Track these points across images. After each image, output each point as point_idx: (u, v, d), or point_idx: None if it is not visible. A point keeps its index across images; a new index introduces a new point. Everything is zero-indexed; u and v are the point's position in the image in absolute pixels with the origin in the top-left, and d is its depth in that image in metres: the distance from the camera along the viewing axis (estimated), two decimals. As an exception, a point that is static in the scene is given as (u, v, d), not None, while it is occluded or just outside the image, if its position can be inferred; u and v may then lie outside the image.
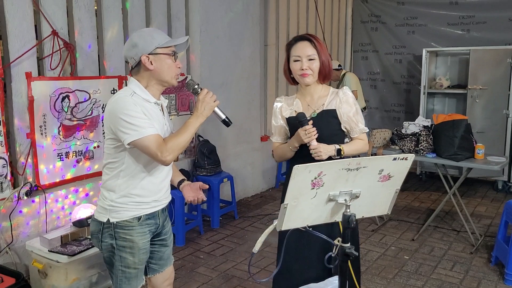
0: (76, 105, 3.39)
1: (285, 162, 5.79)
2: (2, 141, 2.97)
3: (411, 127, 4.25)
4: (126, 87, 1.96)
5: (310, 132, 2.06)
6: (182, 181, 2.18)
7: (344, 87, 2.28)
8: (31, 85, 3.09)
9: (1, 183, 3.00)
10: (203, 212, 4.51)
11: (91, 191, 3.55)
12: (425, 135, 4.06)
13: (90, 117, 3.51)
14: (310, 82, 2.19)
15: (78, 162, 3.47)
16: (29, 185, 3.14)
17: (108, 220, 1.92)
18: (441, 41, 6.48)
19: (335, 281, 1.76)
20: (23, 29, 3.07)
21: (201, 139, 4.56)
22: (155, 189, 1.98)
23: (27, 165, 3.17)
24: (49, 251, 2.86)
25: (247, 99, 5.21)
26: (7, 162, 3.01)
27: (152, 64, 1.89)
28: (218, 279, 3.37)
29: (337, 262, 1.57)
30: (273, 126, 2.35)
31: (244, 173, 5.32)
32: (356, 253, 1.52)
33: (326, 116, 2.19)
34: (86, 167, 3.53)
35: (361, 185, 1.54)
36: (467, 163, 3.83)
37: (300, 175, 1.43)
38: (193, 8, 4.47)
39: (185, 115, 4.41)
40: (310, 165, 1.43)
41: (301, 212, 1.52)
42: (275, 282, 2.30)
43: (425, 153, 4.01)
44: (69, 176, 3.42)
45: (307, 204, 1.51)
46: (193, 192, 2.12)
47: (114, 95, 1.91)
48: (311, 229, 1.59)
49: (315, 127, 2.08)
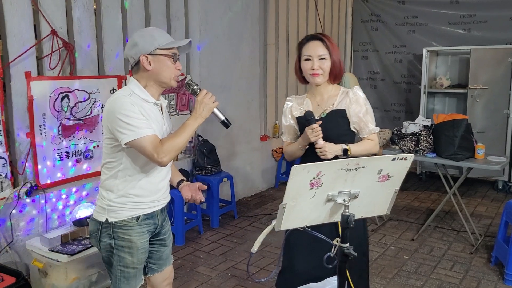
0: (75, 104, 3.39)
1: (285, 162, 5.81)
2: (2, 141, 2.98)
3: (411, 127, 4.25)
4: (126, 86, 1.95)
5: (317, 131, 2.06)
6: (181, 181, 2.18)
7: (355, 86, 2.27)
8: (31, 85, 3.09)
9: (1, 182, 3.00)
10: (203, 212, 4.51)
11: (91, 190, 3.55)
12: (425, 134, 4.06)
13: (90, 116, 3.51)
14: (321, 82, 2.18)
15: (77, 161, 3.47)
16: (29, 185, 3.14)
17: (107, 220, 1.92)
18: (441, 40, 6.46)
19: (333, 281, 1.76)
20: (22, 28, 3.07)
21: (201, 138, 4.56)
22: (153, 189, 1.97)
23: (27, 164, 3.17)
24: (49, 250, 2.87)
25: (246, 99, 5.20)
26: (7, 162, 3.02)
27: (150, 65, 1.87)
28: (218, 278, 3.37)
29: (336, 262, 1.57)
30: (283, 125, 2.35)
31: (244, 173, 5.32)
32: (355, 254, 1.52)
33: (336, 116, 2.18)
34: (85, 166, 3.53)
35: (360, 185, 1.54)
36: (467, 163, 3.82)
37: (299, 175, 1.43)
38: (192, 7, 4.46)
39: (184, 114, 4.40)
40: (308, 165, 1.43)
41: (300, 212, 1.52)
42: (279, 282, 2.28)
43: (425, 153, 4.01)
44: (69, 175, 3.42)
45: (305, 204, 1.51)
46: (191, 192, 2.11)
47: (113, 95, 1.90)
48: (310, 229, 1.59)
49: (324, 126, 2.07)
